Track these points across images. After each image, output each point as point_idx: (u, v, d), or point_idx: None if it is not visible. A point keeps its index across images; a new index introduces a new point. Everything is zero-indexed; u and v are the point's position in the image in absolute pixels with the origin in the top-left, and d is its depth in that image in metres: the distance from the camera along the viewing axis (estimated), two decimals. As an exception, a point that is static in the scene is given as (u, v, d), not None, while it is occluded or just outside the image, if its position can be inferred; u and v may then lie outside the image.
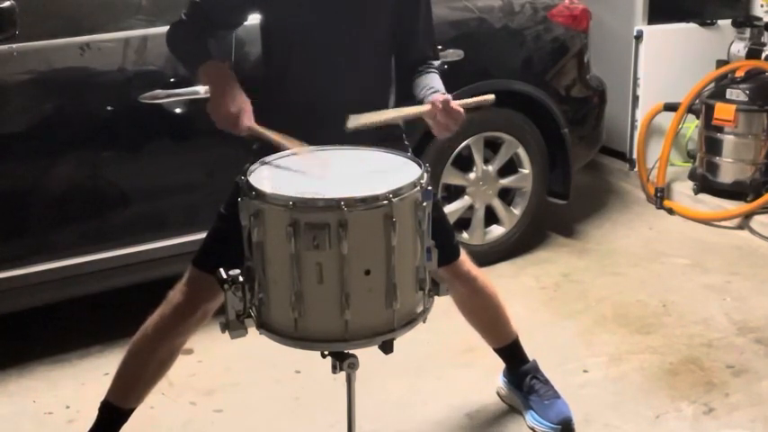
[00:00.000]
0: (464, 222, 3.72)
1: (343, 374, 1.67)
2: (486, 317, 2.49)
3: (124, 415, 2.22)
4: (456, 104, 1.88)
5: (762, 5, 4.81)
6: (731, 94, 4.37)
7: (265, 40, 2.11)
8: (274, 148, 1.85)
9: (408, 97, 2.10)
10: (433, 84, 2.07)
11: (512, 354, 2.58)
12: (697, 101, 4.55)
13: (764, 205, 4.20)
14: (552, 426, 2.50)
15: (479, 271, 2.41)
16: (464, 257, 2.33)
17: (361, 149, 1.84)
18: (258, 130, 1.90)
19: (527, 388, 2.56)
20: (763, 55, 4.50)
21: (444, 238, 2.17)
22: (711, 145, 4.49)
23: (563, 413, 2.51)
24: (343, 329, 1.55)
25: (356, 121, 1.83)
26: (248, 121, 1.89)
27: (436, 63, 2.17)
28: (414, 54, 2.15)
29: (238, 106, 1.89)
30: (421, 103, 2.00)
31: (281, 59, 2.06)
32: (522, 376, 2.57)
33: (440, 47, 3.30)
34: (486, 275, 2.44)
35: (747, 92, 4.33)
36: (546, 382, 2.57)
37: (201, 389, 2.81)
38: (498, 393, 2.71)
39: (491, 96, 1.97)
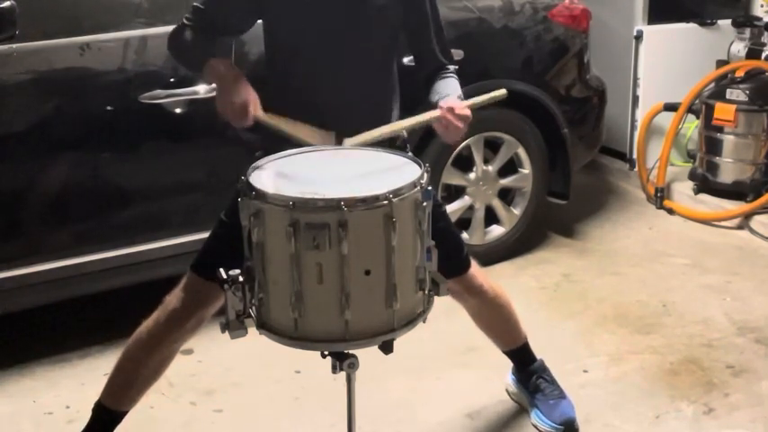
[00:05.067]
0: (464, 222, 3.71)
1: (343, 374, 1.67)
2: (499, 326, 2.50)
3: (117, 417, 2.22)
4: (462, 108, 1.89)
5: (762, 5, 4.82)
6: (731, 94, 4.37)
7: (269, 44, 2.10)
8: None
9: (427, 106, 2.09)
10: (447, 89, 2.07)
11: (520, 355, 2.59)
12: (697, 101, 4.55)
13: (764, 205, 4.20)
14: (555, 425, 2.51)
15: (492, 283, 2.39)
16: (475, 270, 2.31)
17: (361, 150, 1.85)
18: (265, 119, 1.89)
19: (533, 387, 2.57)
20: (763, 55, 4.50)
21: (453, 250, 2.17)
22: (711, 145, 4.49)
23: (566, 414, 2.52)
24: (343, 329, 1.55)
25: (354, 141, 1.85)
26: (255, 111, 1.89)
27: (452, 68, 2.17)
28: (430, 65, 2.17)
29: (244, 98, 1.88)
30: (435, 106, 2.01)
31: (284, 63, 2.06)
32: (529, 375, 2.59)
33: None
34: (498, 285, 2.42)
35: (747, 92, 4.33)
36: (552, 381, 2.59)
37: (201, 389, 2.81)
38: (507, 390, 2.72)
39: (503, 91, 1.97)
